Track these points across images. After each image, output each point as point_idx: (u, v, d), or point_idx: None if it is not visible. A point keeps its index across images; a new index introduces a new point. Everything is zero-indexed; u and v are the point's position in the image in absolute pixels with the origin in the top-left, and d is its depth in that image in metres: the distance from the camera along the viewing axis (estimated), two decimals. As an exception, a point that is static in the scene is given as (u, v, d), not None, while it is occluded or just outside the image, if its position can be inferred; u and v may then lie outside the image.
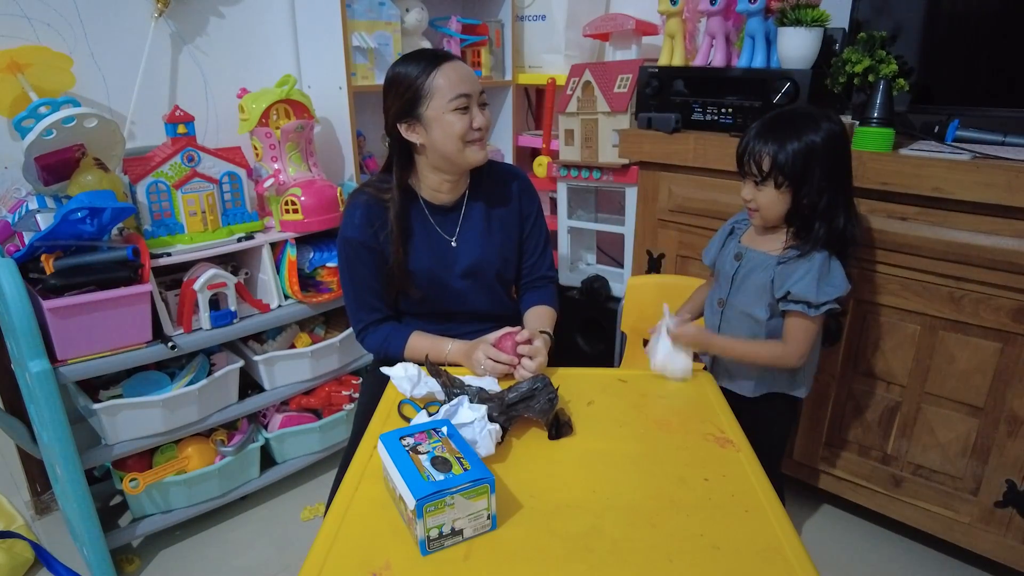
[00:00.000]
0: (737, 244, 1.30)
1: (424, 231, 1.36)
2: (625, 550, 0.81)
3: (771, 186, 1.17)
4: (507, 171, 1.46)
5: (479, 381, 1.15)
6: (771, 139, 1.16)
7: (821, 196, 1.16)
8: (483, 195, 1.40)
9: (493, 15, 2.38)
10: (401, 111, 1.27)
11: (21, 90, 1.54)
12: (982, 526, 1.47)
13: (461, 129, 1.24)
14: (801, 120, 1.16)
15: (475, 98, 1.26)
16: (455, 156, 1.27)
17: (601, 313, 2.09)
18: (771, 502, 0.90)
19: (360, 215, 1.32)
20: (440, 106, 1.23)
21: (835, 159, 1.17)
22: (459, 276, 1.38)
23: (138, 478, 1.60)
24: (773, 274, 1.20)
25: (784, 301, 1.18)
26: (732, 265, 1.28)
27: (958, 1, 1.55)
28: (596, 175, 2.04)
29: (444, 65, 1.23)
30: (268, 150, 1.84)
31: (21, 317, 1.36)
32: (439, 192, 1.36)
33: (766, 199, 1.19)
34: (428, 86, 1.23)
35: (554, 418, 1.05)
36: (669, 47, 1.84)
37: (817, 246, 1.17)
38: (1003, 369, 1.38)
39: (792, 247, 1.20)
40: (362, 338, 1.41)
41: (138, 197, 1.58)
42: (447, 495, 0.79)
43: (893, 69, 1.43)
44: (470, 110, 1.25)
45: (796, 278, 1.16)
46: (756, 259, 1.24)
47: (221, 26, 1.92)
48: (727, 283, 1.29)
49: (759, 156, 1.17)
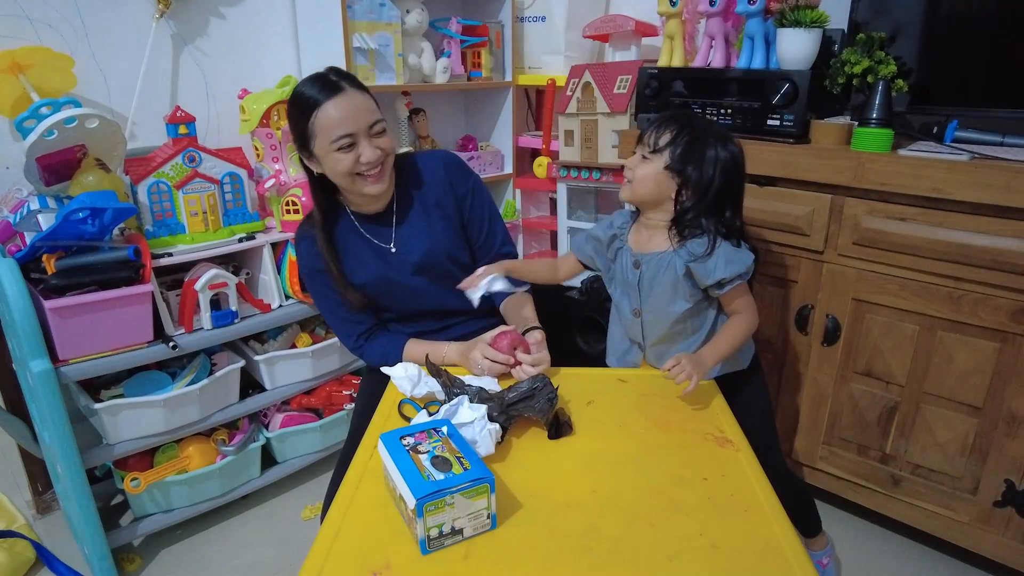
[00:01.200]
0: (629, 251, 1.30)
1: (361, 243, 1.38)
2: (624, 550, 0.81)
3: (656, 161, 1.20)
4: (430, 158, 1.43)
5: (479, 381, 1.15)
6: (678, 124, 1.20)
7: (707, 192, 1.19)
8: (412, 191, 1.40)
9: (493, 16, 2.38)
10: (298, 142, 1.27)
11: (22, 91, 1.55)
12: (981, 526, 1.48)
13: (346, 167, 1.23)
14: (717, 129, 1.22)
15: (362, 133, 1.22)
16: (350, 189, 1.29)
17: (601, 313, 2.09)
18: (770, 502, 0.90)
19: (305, 246, 1.36)
20: (324, 145, 1.22)
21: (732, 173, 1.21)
22: (411, 275, 1.38)
23: (139, 477, 1.60)
24: (682, 270, 1.22)
25: (718, 287, 1.21)
26: (633, 274, 1.28)
27: (957, 2, 1.55)
28: (596, 175, 2.04)
29: (326, 104, 1.20)
30: (269, 151, 1.84)
31: (23, 317, 1.36)
32: (363, 205, 1.36)
33: (643, 172, 1.22)
34: (311, 126, 1.22)
35: (554, 418, 1.06)
36: (668, 48, 1.85)
37: (712, 236, 1.21)
38: (1002, 369, 1.38)
39: (688, 240, 1.21)
40: (360, 354, 1.43)
41: (139, 197, 1.58)
42: (447, 494, 0.79)
43: (892, 70, 1.43)
44: (356, 147, 1.22)
45: (719, 266, 1.19)
46: (654, 261, 1.25)
47: (222, 27, 1.93)
48: (634, 292, 1.29)
49: (662, 131, 1.20)
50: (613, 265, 1.34)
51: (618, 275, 1.33)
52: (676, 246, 1.23)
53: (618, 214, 1.36)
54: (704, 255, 1.20)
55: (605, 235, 1.34)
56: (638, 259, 1.27)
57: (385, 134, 1.27)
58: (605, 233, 1.34)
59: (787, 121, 1.58)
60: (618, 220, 1.35)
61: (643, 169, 1.22)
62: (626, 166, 1.26)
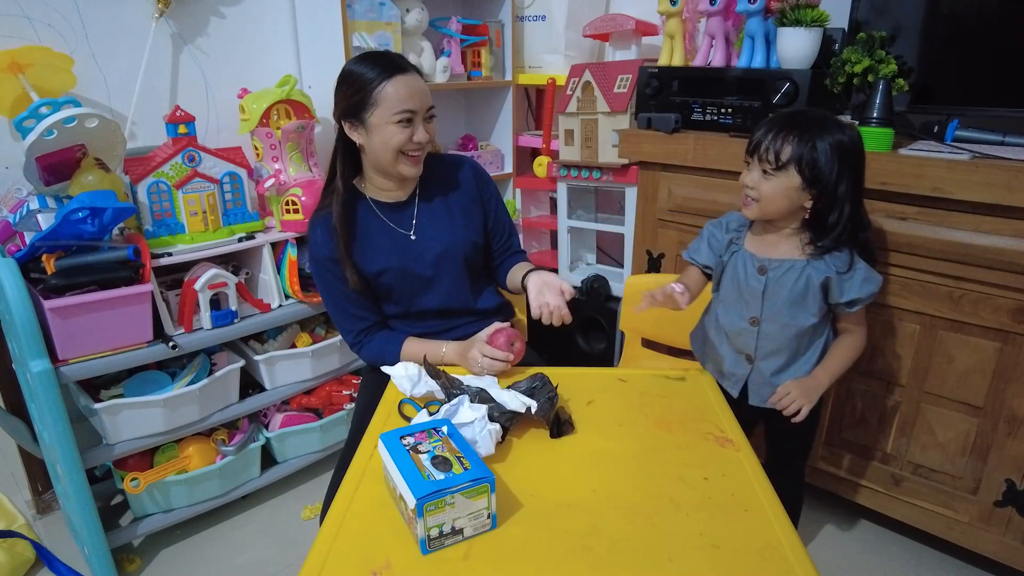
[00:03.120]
0: (750, 256, 1.23)
1: (380, 230, 1.37)
2: (625, 549, 0.81)
3: (782, 178, 1.14)
4: (455, 160, 1.48)
5: (478, 381, 1.15)
6: (796, 133, 1.13)
7: (844, 198, 1.14)
8: (436, 186, 1.42)
9: (493, 15, 2.38)
10: (347, 110, 1.28)
11: (22, 90, 1.54)
12: (982, 525, 1.48)
13: (400, 141, 1.26)
14: (826, 120, 1.15)
15: (420, 114, 1.27)
16: (388, 166, 1.30)
17: (601, 313, 2.09)
18: (771, 501, 0.90)
19: (320, 231, 1.34)
20: (384, 116, 1.24)
21: (858, 163, 1.17)
22: (429, 265, 1.38)
23: (139, 477, 1.60)
24: (819, 281, 1.17)
25: (848, 305, 1.18)
26: (757, 280, 1.22)
27: (958, 1, 1.55)
28: (596, 175, 2.04)
29: (397, 77, 1.24)
30: (269, 150, 1.84)
31: (22, 317, 1.36)
32: (386, 191, 1.37)
33: (770, 189, 1.15)
34: (376, 94, 1.24)
35: (554, 416, 1.06)
36: (669, 47, 1.85)
37: (851, 249, 1.17)
38: (1002, 368, 1.38)
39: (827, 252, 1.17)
40: (358, 350, 1.42)
41: (139, 197, 1.58)
42: (447, 494, 0.79)
43: (893, 69, 1.43)
44: (413, 124, 1.26)
45: (855, 285, 1.16)
46: (783, 269, 1.20)
47: (222, 26, 1.93)
48: (755, 299, 1.23)
49: (779, 145, 1.13)
50: (725, 269, 1.28)
51: (731, 280, 1.27)
52: (810, 255, 1.18)
53: (731, 215, 1.31)
54: (844, 271, 1.16)
55: (723, 237, 1.28)
56: (764, 264, 1.21)
57: (434, 121, 1.32)
58: (722, 234, 1.29)
59: (787, 120, 1.58)
60: (733, 222, 1.29)
61: (769, 187, 1.15)
62: (745, 184, 1.19)
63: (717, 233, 1.31)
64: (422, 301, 1.41)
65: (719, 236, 1.30)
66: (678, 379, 1.25)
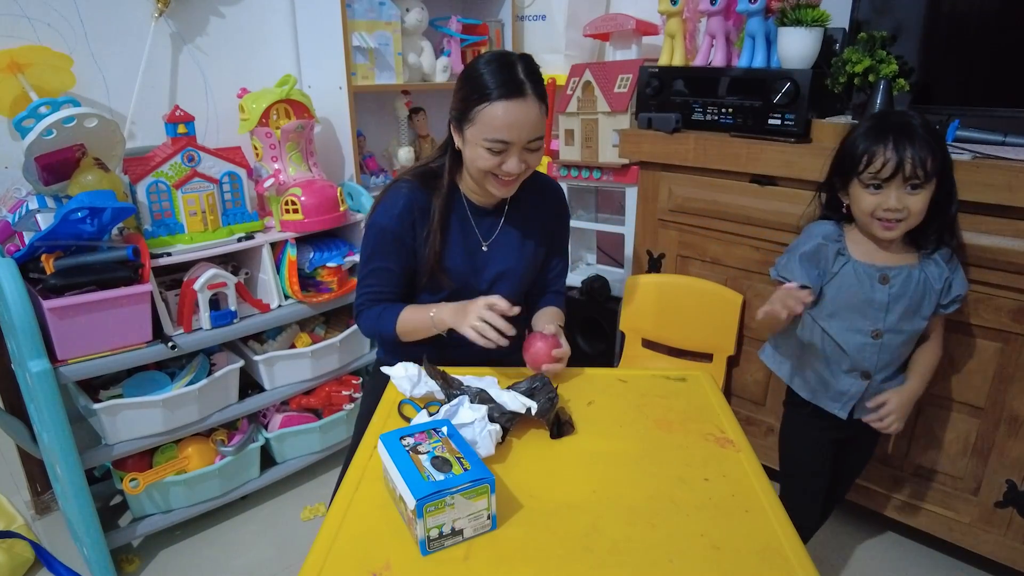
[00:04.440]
0: (866, 265, 1.17)
1: (461, 230, 1.32)
2: (625, 550, 0.81)
3: (928, 189, 1.10)
4: (548, 183, 1.43)
5: (478, 382, 1.15)
6: (922, 138, 1.08)
7: (953, 197, 1.13)
8: (524, 204, 1.36)
9: (493, 15, 2.38)
10: (454, 114, 1.22)
11: (21, 90, 1.54)
12: (982, 526, 1.47)
13: (486, 166, 1.19)
14: (915, 115, 1.12)
15: (517, 145, 1.17)
16: (478, 180, 1.25)
17: (601, 313, 2.09)
18: (771, 502, 0.90)
19: (403, 205, 1.26)
20: (477, 136, 1.17)
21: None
22: (487, 280, 1.35)
23: (138, 478, 1.60)
24: (940, 283, 1.16)
25: (953, 302, 1.16)
26: (881, 290, 1.16)
27: (958, 1, 1.55)
28: (596, 175, 2.04)
29: (503, 102, 1.13)
30: (268, 150, 1.84)
31: (21, 317, 1.36)
32: (479, 195, 1.32)
33: (919, 204, 1.09)
34: (476, 112, 1.16)
35: (555, 417, 1.05)
36: (669, 47, 1.84)
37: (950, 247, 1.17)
38: (1003, 369, 1.37)
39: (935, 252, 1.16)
40: (358, 314, 1.35)
41: (138, 197, 1.58)
42: (447, 495, 0.79)
43: (893, 69, 1.43)
44: (505, 154, 1.17)
45: (958, 280, 1.15)
46: (903, 275, 1.15)
47: (221, 26, 1.92)
48: (878, 311, 1.17)
49: (924, 157, 1.07)
50: (830, 282, 1.20)
51: (843, 293, 1.19)
52: (922, 256, 1.16)
53: (821, 225, 1.24)
54: (951, 266, 1.14)
55: (830, 248, 1.20)
56: (886, 273, 1.16)
57: (539, 151, 1.22)
58: (819, 248, 1.21)
59: (788, 120, 1.58)
60: (829, 231, 1.22)
61: (918, 202, 1.10)
62: (888, 208, 1.11)
63: (817, 246, 1.21)
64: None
65: (822, 250, 1.21)
66: (678, 379, 1.25)
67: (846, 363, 1.22)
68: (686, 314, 1.76)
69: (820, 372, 1.27)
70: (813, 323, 1.25)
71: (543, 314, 1.41)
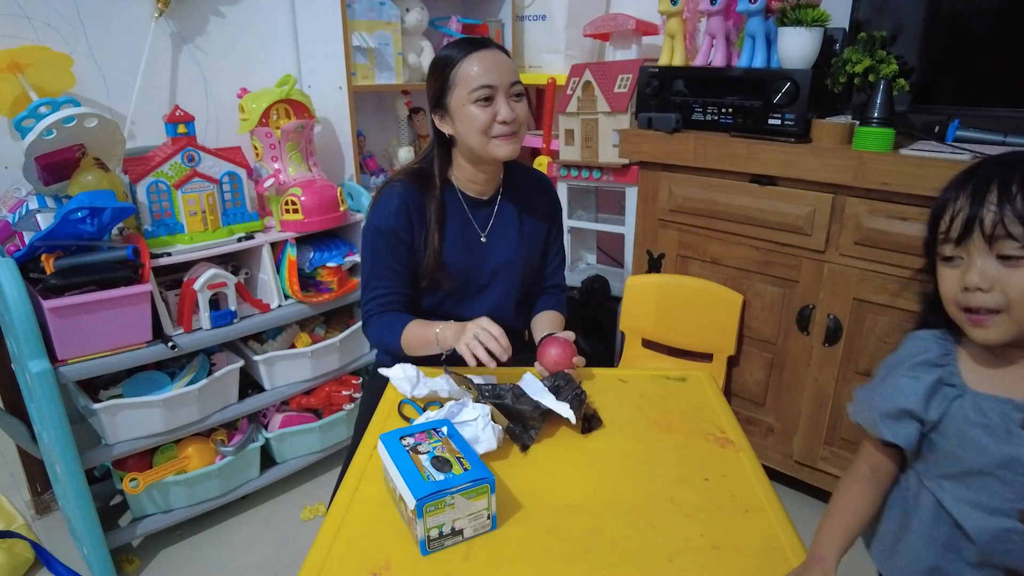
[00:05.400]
0: (992, 400, 0.74)
1: (459, 223, 1.33)
2: (625, 550, 0.81)
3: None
4: (539, 176, 1.45)
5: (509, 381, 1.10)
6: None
7: None
8: (516, 193, 1.38)
9: (493, 15, 2.38)
10: (432, 101, 1.25)
11: (21, 90, 1.54)
12: (982, 526, 1.46)
13: (482, 123, 1.19)
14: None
15: (502, 89, 1.19)
16: (480, 150, 1.23)
17: (601, 313, 2.09)
18: (771, 502, 0.90)
19: (397, 204, 1.27)
20: (462, 97, 1.19)
21: None
22: (489, 272, 1.35)
23: (138, 478, 1.60)
24: None
25: None
26: (1019, 436, 0.72)
27: (958, 1, 1.55)
28: (596, 175, 2.04)
29: (473, 54, 1.18)
30: (268, 150, 1.84)
31: (21, 317, 1.36)
32: (474, 184, 1.32)
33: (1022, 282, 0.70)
34: (453, 76, 1.19)
35: (583, 413, 1.05)
36: (669, 47, 1.84)
37: None
38: (1004, 369, 1.36)
39: None
40: (365, 322, 1.34)
41: (138, 197, 1.58)
42: (447, 495, 0.79)
43: (893, 69, 1.43)
44: (494, 101, 1.19)
45: None
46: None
47: (221, 26, 1.92)
48: (1016, 471, 0.72)
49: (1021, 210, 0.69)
50: (935, 429, 0.79)
51: (960, 447, 0.77)
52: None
53: (913, 340, 0.83)
54: None
55: (925, 380, 0.79)
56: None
57: (523, 100, 1.23)
58: (917, 386, 0.79)
59: (788, 120, 1.58)
60: (930, 351, 0.81)
61: (1019, 280, 0.70)
62: (972, 287, 0.72)
63: (910, 391, 0.79)
64: (467, 307, 1.35)
65: (917, 384, 0.79)
66: (678, 379, 1.25)
67: (971, 554, 0.78)
68: (686, 314, 1.76)
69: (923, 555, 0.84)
70: (917, 496, 0.84)
71: (543, 319, 1.40)
